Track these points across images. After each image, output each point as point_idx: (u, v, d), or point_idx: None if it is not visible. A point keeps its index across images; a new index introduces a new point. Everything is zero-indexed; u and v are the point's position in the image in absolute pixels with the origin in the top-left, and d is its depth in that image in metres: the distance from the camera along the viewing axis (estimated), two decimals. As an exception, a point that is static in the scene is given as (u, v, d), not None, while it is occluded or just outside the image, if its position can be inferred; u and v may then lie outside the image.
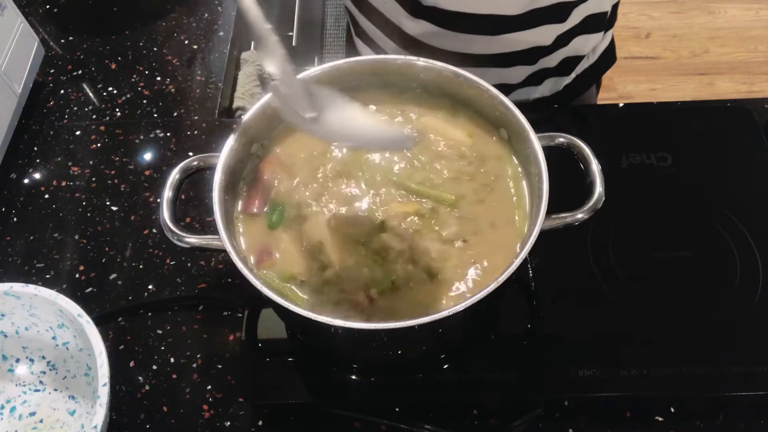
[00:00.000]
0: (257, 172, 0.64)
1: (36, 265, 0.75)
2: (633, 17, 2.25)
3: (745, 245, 0.71)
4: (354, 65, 0.66)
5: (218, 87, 0.91)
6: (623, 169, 0.78)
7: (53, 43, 0.97)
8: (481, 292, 0.51)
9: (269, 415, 0.65)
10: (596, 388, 0.63)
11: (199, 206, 0.79)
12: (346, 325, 0.52)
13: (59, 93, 0.92)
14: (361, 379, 0.65)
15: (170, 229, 0.58)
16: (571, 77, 0.93)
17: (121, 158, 0.84)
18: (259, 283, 0.53)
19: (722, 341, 0.66)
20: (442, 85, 0.66)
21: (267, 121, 0.64)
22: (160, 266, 0.75)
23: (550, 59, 0.87)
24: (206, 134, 0.86)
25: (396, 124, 0.59)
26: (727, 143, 0.82)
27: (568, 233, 0.58)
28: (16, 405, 0.66)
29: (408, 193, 0.62)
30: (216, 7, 1.01)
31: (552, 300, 0.68)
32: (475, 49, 0.82)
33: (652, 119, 0.85)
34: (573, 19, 0.82)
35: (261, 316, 0.68)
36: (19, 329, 0.65)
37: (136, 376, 0.68)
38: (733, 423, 0.63)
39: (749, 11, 2.25)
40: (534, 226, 0.54)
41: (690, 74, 2.12)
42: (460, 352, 0.65)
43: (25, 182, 0.83)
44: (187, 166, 0.61)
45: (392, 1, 0.82)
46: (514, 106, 0.61)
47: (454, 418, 0.64)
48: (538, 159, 0.58)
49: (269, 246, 0.60)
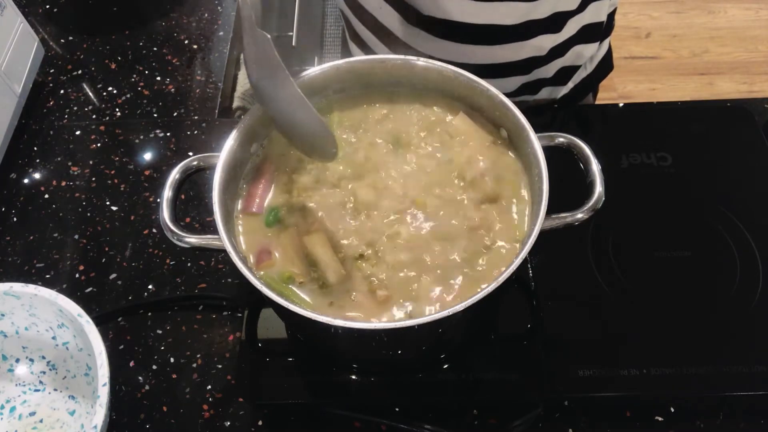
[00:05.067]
0: (257, 172, 0.64)
1: (36, 265, 0.75)
2: (633, 17, 2.24)
3: (745, 245, 0.71)
4: (353, 65, 0.66)
5: (218, 87, 0.91)
6: (623, 169, 0.78)
7: (53, 43, 0.97)
8: (481, 292, 0.51)
9: (269, 415, 0.65)
10: (596, 388, 0.63)
11: (199, 206, 0.79)
12: (346, 325, 0.52)
13: (59, 93, 0.92)
14: (361, 379, 0.65)
15: (170, 229, 0.58)
16: (568, 87, 0.93)
17: (121, 158, 0.84)
18: (259, 283, 0.53)
19: (722, 341, 0.66)
20: (442, 85, 0.66)
21: (267, 121, 0.64)
22: (160, 266, 0.75)
23: (546, 69, 0.87)
24: (206, 134, 0.86)
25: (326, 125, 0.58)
26: (727, 143, 0.82)
27: (568, 233, 0.58)
28: (16, 405, 0.66)
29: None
30: (216, 7, 1.01)
31: (552, 300, 0.68)
32: (470, 59, 0.82)
33: (652, 119, 0.85)
34: (569, 29, 0.82)
35: (261, 316, 0.68)
36: (19, 329, 0.65)
37: (136, 376, 0.68)
38: (733, 423, 0.63)
39: (749, 11, 2.25)
40: (534, 226, 0.54)
41: (690, 74, 2.12)
42: (460, 352, 0.65)
43: (25, 182, 0.83)
44: (187, 166, 0.61)
45: (388, 8, 0.82)
46: (514, 106, 0.61)
47: (454, 418, 0.64)
48: (538, 159, 0.58)
49: (269, 246, 0.60)
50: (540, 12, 0.78)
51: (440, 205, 0.61)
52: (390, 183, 0.63)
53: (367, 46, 0.91)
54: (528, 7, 0.77)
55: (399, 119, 0.67)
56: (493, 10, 0.77)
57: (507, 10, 0.77)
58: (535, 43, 0.81)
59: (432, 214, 0.61)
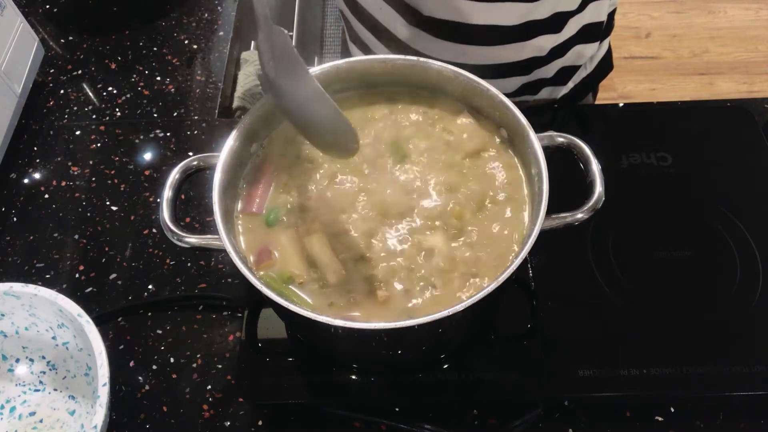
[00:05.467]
0: (257, 172, 0.64)
1: (36, 265, 0.75)
2: (633, 17, 2.24)
3: (745, 245, 0.71)
4: (353, 65, 0.66)
5: (218, 87, 0.91)
6: (623, 169, 0.78)
7: (53, 43, 0.97)
8: (481, 292, 0.51)
9: (269, 415, 0.65)
10: (596, 388, 0.63)
11: (199, 206, 0.79)
12: (346, 325, 0.52)
13: (59, 93, 0.92)
14: (361, 379, 0.65)
15: (170, 229, 0.58)
16: (568, 87, 0.93)
17: (121, 158, 0.84)
18: (259, 283, 0.53)
19: (722, 341, 0.66)
20: (442, 85, 0.66)
21: (267, 120, 0.64)
22: (160, 266, 0.75)
23: (546, 69, 0.87)
24: (206, 134, 0.86)
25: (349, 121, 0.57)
26: (727, 143, 0.82)
27: (568, 233, 0.58)
28: (16, 405, 0.66)
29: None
30: (216, 7, 1.01)
31: (552, 300, 0.68)
32: (471, 59, 0.82)
33: (652, 119, 0.85)
34: (569, 29, 0.82)
35: (261, 316, 0.68)
36: (19, 329, 0.66)
37: (136, 376, 0.68)
38: (733, 423, 0.63)
39: (749, 11, 2.25)
40: (534, 225, 0.54)
41: (690, 74, 2.12)
42: (460, 352, 0.65)
43: (25, 182, 0.83)
44: (187, 166, 0.61)
45: (388, 8, 0.82)
46: (514, 106, 0.61)
47: (454, 418, 0.64)
48: (538, 159, 0.58)
49: (269, 246, 0.60)
50: (540, 12, 0.78)
51: (442, 205, 0.61)
52: (390, 183, 0.63)
53: (367, 48, 0.91)
54: (528, 7, 0.77)
55: (399, 119, 0.67)
56: (494, 11, 0.77)
57: (507, 11, 0.77)
58: (536, 43, 0.81)
59: (433, 213, 0.61)
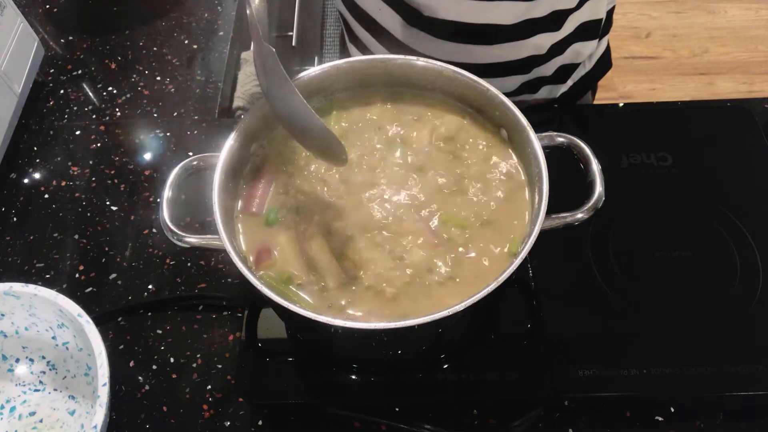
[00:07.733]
0: (257, 172, 0.64)
1: (36, 265, 0.75)
2: (633, 17, 2.24)
3: (745, 245, 0.71)
4: (354, 65, 0.66)
5: (218, 87, 0.91)
6: (623, 169, 0.78)
7: (53, 43, 0.97)
8: (481, 292, 0.51)
9: (269, 415, 0.65)
10: (596, 388, 0.63)
11: (199, 206, 0.78)
12: (346, 325, 0.52)
13: (59, 93, 0.92)
14: (361, 379, 0.65)
15: (170, 229, 0.58)
16: (567, 85, 0.93)
17: (121, 158, 0.84)
18: (259, 283, 0.53)
19: (722, 341, 0.66)
20: (441, 85, 0.66)
21: (267, 120, 0.64)
22: (160, 266, 0.75)
23: (545, 68, 0.87)
24: (206, 134, 0.86)
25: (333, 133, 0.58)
26: (727, 143, 0.82)
27: (568, 233, 0.58)
28: (15, 405, 0.66)
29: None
30: (216, 7, 1.01)
31: (552, 300, 0.68)
32: (470, 59, 0.82)
33: (652, 119, 0.85)
34: (568, 27, 0.82)
35: (261, 316, 0.68)
36: (19, 329, 0.65)
37: (136, 376, 0.68)
38: (733, 423, 0.63)
39: (749, 11, 2.25)
40: (534, 225, 0.54)
41: (690, 74, 2.12)
42: (460, 352, 0.65)
43: (25, 182, 0.83)
44: (187, 166, 0.61)
45: (388, 9, 0.82)
46: (514, 106, 0.61)
47: (454, 418, 0.64)
48: (538, 159, 0.58)
49: (269, 246, 0.60)
50: (539, 11, 0.78)
51: (442, 205, 0.61)
52: (390, 183, 0.63)
53: (366, 48, 0.91)
54: (527, 6, 0.77)
55: (399, 119, 0.67)
56: (493, 10, 0.77)
57: (506, 10, 0.77)
58: (535, 41, 0.81)
59: (433, 214, 0.61)
